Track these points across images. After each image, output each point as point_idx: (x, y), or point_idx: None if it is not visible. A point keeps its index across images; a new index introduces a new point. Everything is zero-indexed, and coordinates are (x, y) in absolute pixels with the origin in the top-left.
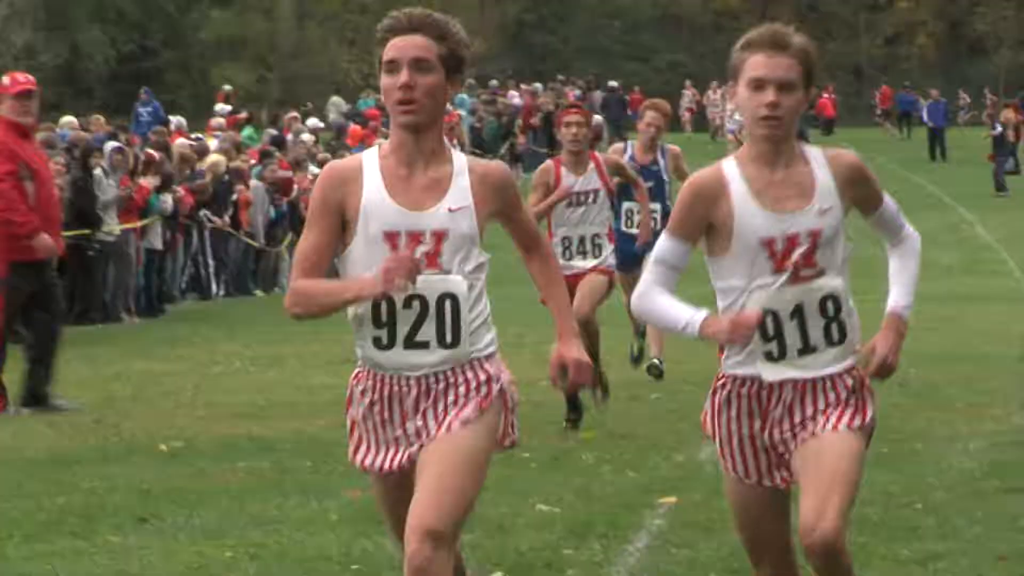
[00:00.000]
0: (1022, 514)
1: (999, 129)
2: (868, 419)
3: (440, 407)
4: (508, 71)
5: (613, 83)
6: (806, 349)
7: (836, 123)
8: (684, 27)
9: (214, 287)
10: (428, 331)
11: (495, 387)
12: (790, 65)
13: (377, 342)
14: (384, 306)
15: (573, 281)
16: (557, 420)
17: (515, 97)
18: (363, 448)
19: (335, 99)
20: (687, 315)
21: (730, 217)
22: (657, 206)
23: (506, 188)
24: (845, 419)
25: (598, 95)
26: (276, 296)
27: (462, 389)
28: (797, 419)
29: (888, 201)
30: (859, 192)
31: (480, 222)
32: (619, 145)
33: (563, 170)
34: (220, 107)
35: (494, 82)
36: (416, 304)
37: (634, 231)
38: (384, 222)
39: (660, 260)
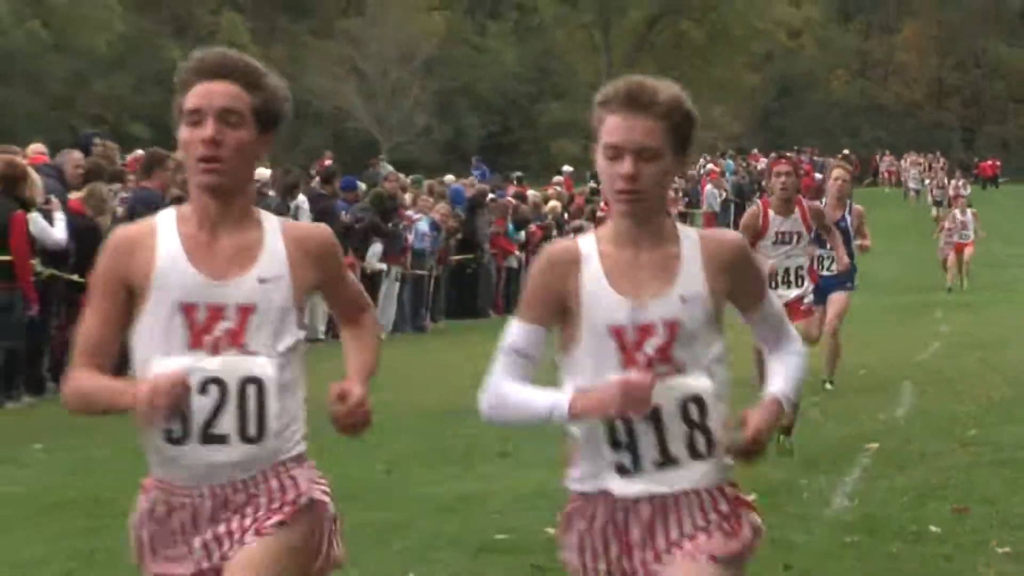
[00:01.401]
0: None
1: None
2: (741, 547)
3: (237, 523)
4: (758, 144)
5: (847, 151)
6: (665, 461)
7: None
8: (883, 112)
9: None
10: (227, 422)
11: (303, 500)
12: (651, 128)
13: (169, 435)
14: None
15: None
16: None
17: (762, 162)
18: (148, 562)
19: None
20: (549, 399)
21: (579, 299)
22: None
23: (328, 254)
24: (711, 546)
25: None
26: None
27: (263, 500)
28: (661, 544)
29: (772, 299)
30: (735, 281)
31: (297, 294)
32: (816, 202)
33: (771, 212)
34: (566, 168)
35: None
36: (214, 389)
37: (824, 273)
38: (181, 292)
39: (510, 349)
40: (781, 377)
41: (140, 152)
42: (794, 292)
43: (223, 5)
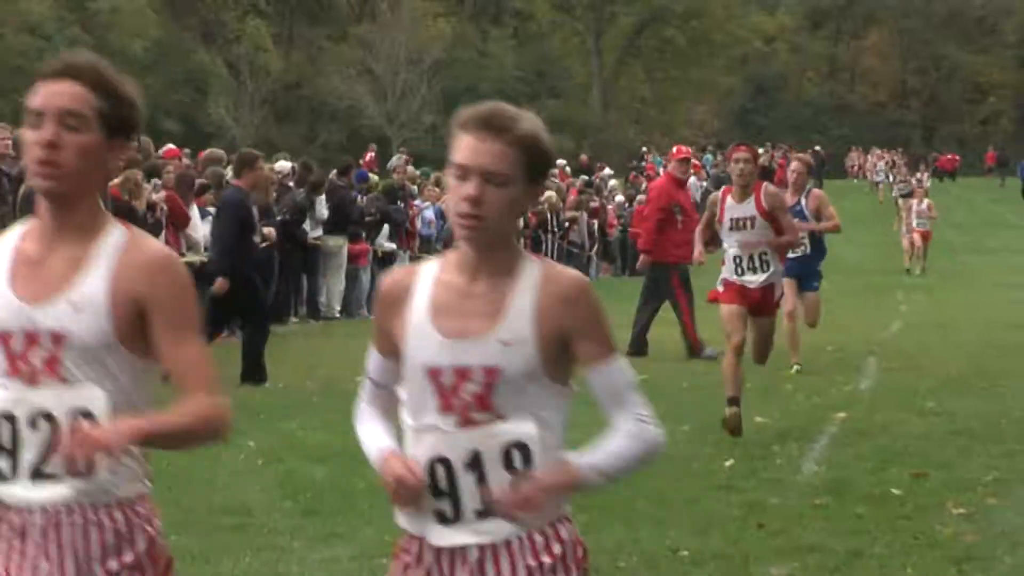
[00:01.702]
0: None
1: None
2: None
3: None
4: (735, 139)
5: (818, 148)
6: (487, 510)
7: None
8: (850, 111)
9: None
10: (59, 460)
11: (140, 541)
12: (503, 154)
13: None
14: (4, 426)
15: (745, 294)
16: (767, 366)
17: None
18: None
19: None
20: (375, 449)
21: (403, 335)
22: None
23: (164, 277)
24: None
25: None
26: None
27: (95, 536)
28: None
29: (620, 366)
30: (571, 325)
31: (119, 318)
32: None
33: (728, 198)
34: (560, 161)
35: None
36: (44, 424)
37: (790, 255)
38: None
39: (367, 377)
40: (598, 449)
41: (171, 146)
42: (762, 276)
43: (248, 13)
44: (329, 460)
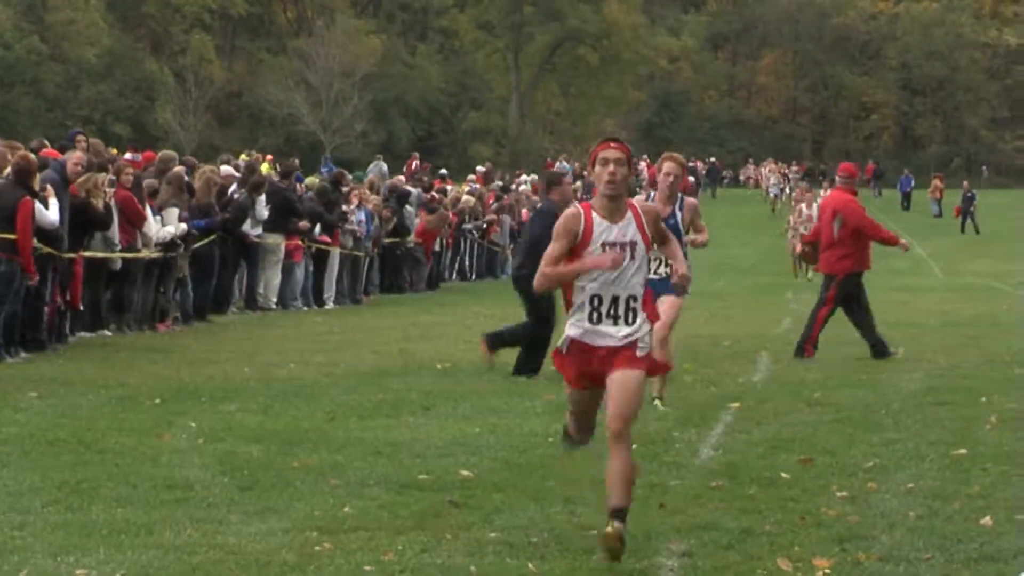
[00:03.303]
0: (945, 417)
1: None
2: None
3: None
4: (642, 151)
5: (713, 159)
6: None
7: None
8: (747, 126)
9: (471, 274)
10: None
11: None
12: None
13: None
14: None
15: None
16: (680, 360)
17: (644, 166)
18: None
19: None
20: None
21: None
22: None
23: None
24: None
25: (700, 165)
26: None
27: None
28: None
29: None
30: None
31: None
32: (641, 196)
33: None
34: (479, 168)
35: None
36: None
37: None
38: None
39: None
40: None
41: (128, 156)
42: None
43: (193, 26)
44: (265, 440)
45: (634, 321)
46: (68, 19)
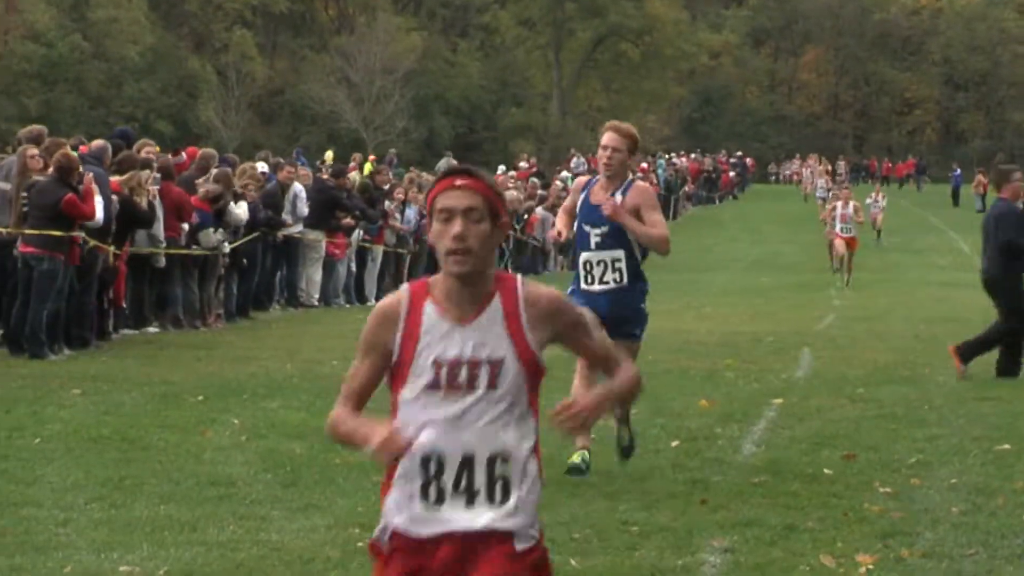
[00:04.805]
0: (988, 412)
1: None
2: None
3: None
4: (683, 146)
5: (739, 153)
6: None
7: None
8: (788, 121)
9: (508, 269)
10: None
11: None
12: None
13: None
14: None
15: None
16: (711, 355)
17: (683, 160)
18: None
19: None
20: None
21: None
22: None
23: None
24: None
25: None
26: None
27: None
28: None
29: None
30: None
31: None
32: (583, 178)
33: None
34: (521, 164)
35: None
36: None
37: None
38: None
39: None
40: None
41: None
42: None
43: (235, 23)
44: (307, 437)
45: (505, 497)
46: (111, 17)
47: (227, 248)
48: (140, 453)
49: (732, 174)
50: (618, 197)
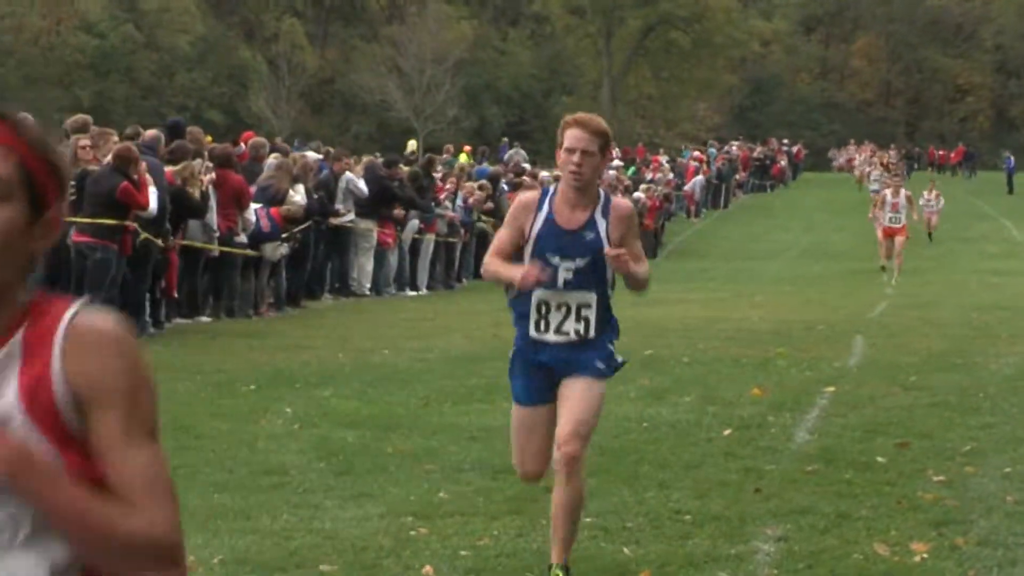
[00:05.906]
0: None
1: None
2: None
3: None
4: (734, 134)
5: (786, 140)
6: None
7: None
8: (839, 109)
9: None
10: None
11: None
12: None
13: None
14: None
15: None
16: (763, 343)
17: (735, 149)
18: None
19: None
20: None
21: None
22: None
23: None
24: None
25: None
26: None
27: None
28: None
29: None
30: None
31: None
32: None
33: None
34: None
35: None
36: None
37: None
38: None
39: None
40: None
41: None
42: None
43: (285, 13)
44: (360, 426)
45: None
46: (162, 7)
47: (285, 249)
48: (194, 442)
49: (783, 163)
50: (600, 222)
